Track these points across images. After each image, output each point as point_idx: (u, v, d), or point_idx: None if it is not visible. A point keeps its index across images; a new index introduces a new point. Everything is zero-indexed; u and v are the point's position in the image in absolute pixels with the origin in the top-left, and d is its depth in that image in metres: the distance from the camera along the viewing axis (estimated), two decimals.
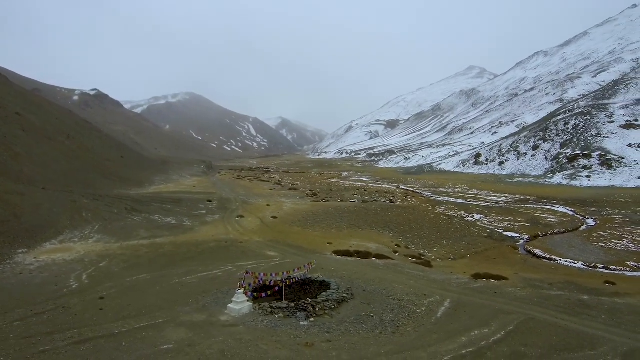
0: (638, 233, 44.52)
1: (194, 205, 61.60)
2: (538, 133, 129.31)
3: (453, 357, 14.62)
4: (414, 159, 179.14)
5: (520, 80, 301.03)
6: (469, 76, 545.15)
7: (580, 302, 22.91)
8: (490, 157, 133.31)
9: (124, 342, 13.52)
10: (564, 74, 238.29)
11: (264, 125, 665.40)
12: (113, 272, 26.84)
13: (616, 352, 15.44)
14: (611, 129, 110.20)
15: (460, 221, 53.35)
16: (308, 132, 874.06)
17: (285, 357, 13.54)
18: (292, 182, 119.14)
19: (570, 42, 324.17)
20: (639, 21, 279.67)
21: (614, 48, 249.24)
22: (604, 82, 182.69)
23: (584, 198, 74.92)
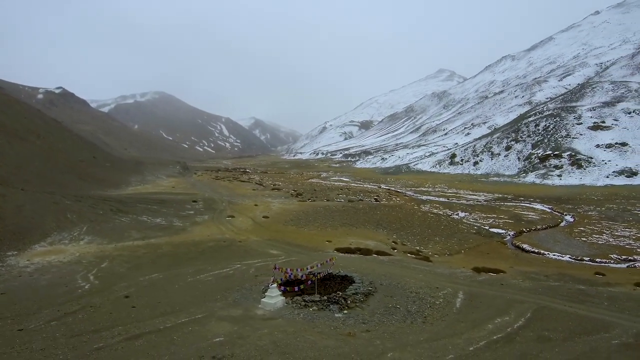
0: (615, 228, 47.34)
1: (180, 206, 60.74)
2: (510, 134, 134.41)
3: (487, 342, 15.43)
4: (390, 160, 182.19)
5: (490, 83, 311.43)
6: (440, 79, 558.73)
7: (581, 292, 24.39)
8: (465, 158, 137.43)
9: (174, 337, 13.55)
10: (531, 78, 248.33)
11: (236, 126, 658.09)
12: (120, 273, 26.36)
13: (628, 333, 16.67)
14: (580, 130, 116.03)
15: (447, 219, 55.01)
16: (281, 132, 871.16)
17: (333, 346, 13.93)
18: (273, 183, 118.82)
19: (537, 47, 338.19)
20: (601, 27, 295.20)
21: (578, 53, 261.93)
22: (569, 85, 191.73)
23: (558, 196, 78.61)
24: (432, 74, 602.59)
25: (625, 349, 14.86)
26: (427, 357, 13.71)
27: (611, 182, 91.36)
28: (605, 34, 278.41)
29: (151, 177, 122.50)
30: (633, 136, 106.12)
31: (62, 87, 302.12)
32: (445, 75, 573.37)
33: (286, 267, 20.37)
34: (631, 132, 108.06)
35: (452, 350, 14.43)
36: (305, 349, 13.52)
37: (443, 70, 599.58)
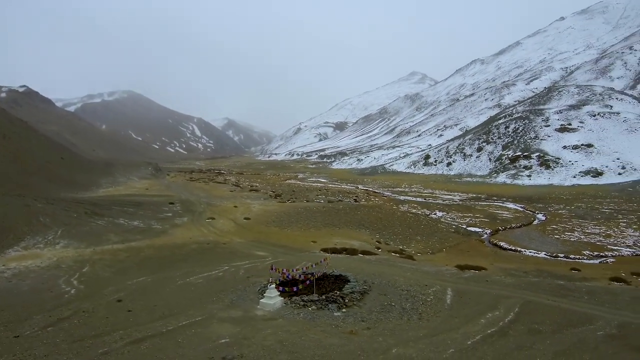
0: (586, 226, 49.66)
1: (157, 208, 59.60)
2: (481, 136, 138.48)
3: (483, 336, 16.00)
4: (366, 160, 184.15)
5: (460, 86, 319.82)
6: (412, 81, 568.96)
7: (561, 286, 25.53)
8: (438, 159, 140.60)
9: (179, 339, 13.42)
10: (500, 81, 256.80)
11: (209, 126, 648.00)
12: (104, 277, 25.76)
13: (611, 325, 17.63)
14: (548, 132, 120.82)
15: (426, 218, 56.23)
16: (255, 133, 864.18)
17: (338, 344, 14.14)
18: (250, 184, 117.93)
19: (505, 51, 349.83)
20: (566, 33, 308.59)
21: (544, 57, 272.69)
22: (536, 89, 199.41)
23: (528, 195, 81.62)
24: (405, 76, 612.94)
25: (610, 340, 15.73)
26: (430, 352, 14.12)
27: (578, 182, 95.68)
28: (570, 39, 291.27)
29: (123, 179, 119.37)
30: (598, 138, 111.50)
31: (26, 85, 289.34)
32: (417, 77, 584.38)
33: (282, 268, 20.42)
34: (596, 134, 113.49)
35: (452, 345, 14.91)
36: (312, 347, 13.67)
37: (415, 73, 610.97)
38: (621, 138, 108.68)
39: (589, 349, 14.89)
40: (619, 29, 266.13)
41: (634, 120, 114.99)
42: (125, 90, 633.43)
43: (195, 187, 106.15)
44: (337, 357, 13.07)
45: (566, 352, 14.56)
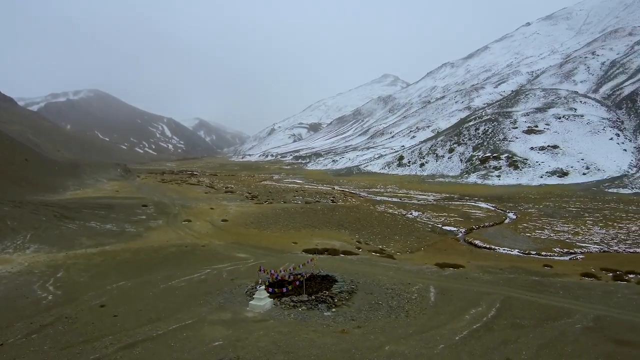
0: (554, 224, 51.78)
1: (129, 211, 58.08)
2: (453, 137, 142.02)
3: (469, 332, 16.47)
4: (341, 161, 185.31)
5: (431, 89, 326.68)
6: (384, 83, 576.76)
7: (537, 282, 26.52)
8: (412, 160, 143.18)
9: (172, 343, 13.17)
10: (469, 84, 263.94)
11: (180, 126, 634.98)
12: (81, 282, 24.91)
13: (587, 318, 18.48)
14: (515, 134, 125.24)
15: (403, 218, 57.17)
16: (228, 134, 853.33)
17: (331, 343, 14.23)
18: (225, 185, 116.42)
19: (473, 55, 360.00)
20: (532, 38, 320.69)
21: (511, 62, 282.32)
22: (504, 92, 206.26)
23: (499, 195, 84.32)
24: (377, 78, 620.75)
25: (589, 332, 16.50)
26: (421, 348, 14.42)
27: (545, 182, 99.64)
28: (535, 44, 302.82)
29: (91, 181, 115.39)
30: (563, 139, 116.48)
31: None
32: (389, 80, 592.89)
33: (270, 269, 20.33)
34: (561, 136, 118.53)
35: (441, 341, 15.28)
36: (306, 347, 13.70)
37: (387, 75, 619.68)
38: (585, 140, 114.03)
39: (570, 341, 15.58)
40: (582, 34, 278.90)
41: (597, 122, 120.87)
42: (92, 89, 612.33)
43: (168, 189, 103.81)
44: (332, 356, 13.16)
45: (549, 345, 15.18)
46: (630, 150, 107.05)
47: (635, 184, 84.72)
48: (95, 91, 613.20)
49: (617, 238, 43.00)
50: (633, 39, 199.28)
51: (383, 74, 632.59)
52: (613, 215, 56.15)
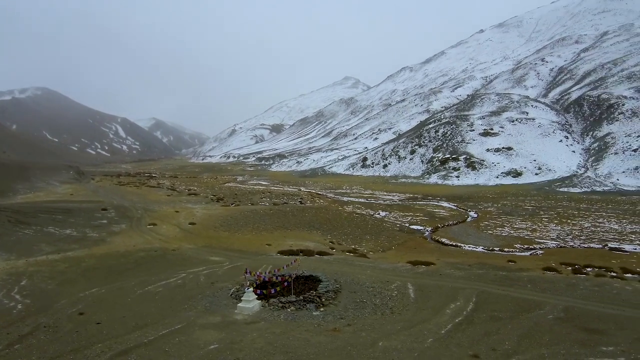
0: (513, 222, 54.58)
1: (89, 215, 55.54)
2: (414, 139, 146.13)
3: (453, 325, 17.19)
4: (305, 163, 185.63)
5: (392, 92, 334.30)
6: (346, 86, 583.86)
7: (505, 277, 27.92)
8: (375, 161, 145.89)
9: (166, 348, 12.87)
10: (428, 88, 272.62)
11: (135, 127, 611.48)
12: (49, 290, 23.64)
13: (557, 309, 19.76)
14: (472, 136, 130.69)
15: (371, 218, 58.21)
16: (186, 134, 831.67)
17: (326, 342, 14.41)
18: (187, 188, 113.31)
19: (431, 60, 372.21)
20: (485, 44, 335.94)
21: (466, 67, 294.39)
22: (460, 96, 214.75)
23: (459, 194, 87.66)
24: (339, 80, 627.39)
25: (561, 322, 17.66)
26: (412, 342, 14.90)
27: (501, 182, 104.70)
28: (488, 50, 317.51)
29: (42, 184, 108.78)
30: (516, 141, 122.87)
31: None
32: (351, 82, 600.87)
33: (255, 271, 20.16)
34: (515, 138, 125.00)
35: (429, 335, 15.85)
36: (302, 346, 13.80)
37: (349, 78, 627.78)
38: (537, 142, 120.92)
39: (546, 331, 16.62)
40: (532, 42, 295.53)
41: (547, 125, 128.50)
42: (40, 87, 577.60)
43: (127, 192, 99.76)
44: (329, 353, 13.34)
45: (528, 335, 16.13)
46: (578, 152, 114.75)
47: (584, 184, 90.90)
48: (43, 89, 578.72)
49: (572, 234, 45.98)
50: (579, 46, 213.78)
51: (344, 77, 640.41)
52: (566, 213, 59.97)
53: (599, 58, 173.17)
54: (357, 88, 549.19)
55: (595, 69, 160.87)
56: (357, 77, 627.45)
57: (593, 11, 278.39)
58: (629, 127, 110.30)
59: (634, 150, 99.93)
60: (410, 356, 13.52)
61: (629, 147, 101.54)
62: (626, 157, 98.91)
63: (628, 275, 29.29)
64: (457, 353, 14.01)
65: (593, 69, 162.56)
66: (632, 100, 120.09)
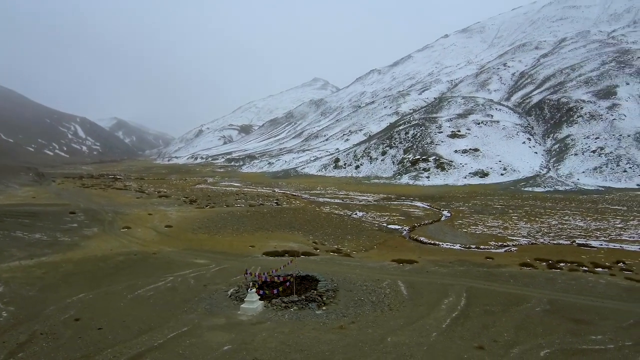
0: (485, 220, 56.69)
1: (57, 219, 53.43)
2: (385, 141, 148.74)
3: (451, 320, 17.82)
4: (277, 164, 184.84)
5: (361, 94, 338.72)
6: (315, 87, 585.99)
7: (487, 273, 29.09)
8: (347, 162, 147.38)
9: (180, 351, 12.71)
10: (396, 91, 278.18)
11: (95, 127, 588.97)
12: (31, 296, 22.57)
13: (543, 302, 20.84)
14: (441, 138, 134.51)
15: (349, 219, 58.87)
16: (150, 135, 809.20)
17: (336, 339, 14.65)
18: (156, 190, 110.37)
19: (398, 63, 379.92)
20: (450, 49, 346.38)
21: (432, 71, 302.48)
22: (427, 99, 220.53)
23: (431, 194, 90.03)
24: (308, 82, 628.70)
25: (549, 314, 18.67)
26: (418, 337, 15.37)
27: (469, 182, 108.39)
28: (453, 55, 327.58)
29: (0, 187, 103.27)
30: (482, 143, 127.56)
31: None
32: (320, 84, 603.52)
33: (255, 272, 20.09)
34: (481, 140, 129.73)
35: (432, 329, 16.39)
36: (314, 344, 13.97)
37: (318, 79, 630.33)
38: (501, 143, 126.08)
39: (538, 322, 17.55)
40: (494, 47, 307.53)
41: (511, 128, 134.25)
42: None
43: (93, 194, 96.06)
44: (343, 350, 13.59)
45: (522, 326, 16.99)
46: (540, 153, 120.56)
47: (547, 183, 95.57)
48: None
49: (541, 231, 48.34)
50: (539, 52, 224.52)
51: (313, 78, 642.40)
52: (533, 211, 62.91)
53: (558, 63, 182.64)
54: (326, 89, 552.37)
55: (555, 74, 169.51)
56: (325, 79, 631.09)
57: (551, 18, 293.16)
58: (587, 129, 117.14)
59: (592, 151, 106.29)
60: (420, 350, 13.97)
61: (588, 149, 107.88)
62: (585, 158, 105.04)
63: (599, 270, 31.18)
64: (463, 345, 14.59)
65: (552, 74, 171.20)
66: (589, 104, 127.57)
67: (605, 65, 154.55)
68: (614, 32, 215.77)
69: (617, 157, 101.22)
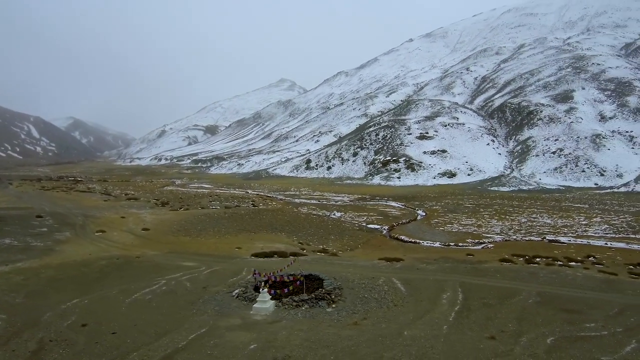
0: (460, 219, 58.79)
1: (24, 223, 51.20)
2: (356, 142, 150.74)
3: (456, 313, 18.66)
4: (247, 165, 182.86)
5: (329, 95, 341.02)
6: (282, 88, 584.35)
7: (474, 269, 30.38)
8: (319, 163, 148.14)
9: (208, 351, 12.71)
10: (364, 93, 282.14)
11: (50, 127, 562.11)
12: (20, 304, 21.65)
13: (533, 294, 22.10)
14: (410, 139, 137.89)
15: (329, 219, 59.41)
16: (108, 135, 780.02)
17: (356, 335, 15.09)
18: (123, 192, 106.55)
19: (365, 66, 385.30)
20: (414, 53, 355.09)
21: (398, 74, 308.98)
22: (395, 101, 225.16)
23: (403, 194, 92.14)
24: (275, 82, 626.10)
25: (542, 305, 19.89)
26: (431, 330, 16.05)
27: (438, 182, 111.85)
28: (418, 59, 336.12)
29: None
30: (449, 144, 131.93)
31: None
32: (287, 84, 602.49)
33: (264, 272, 20.14)
34: (448, 141, 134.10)
35: (441, 323, 17.13)
36: (337, 340, 14.34)
37: (285, 80, 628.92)
38: (467, 145, 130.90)
39: (535, 313, 18.68)
40: (457, 52, 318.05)
41: (475, 130, 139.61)
42: None
43: (56, 197, 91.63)
44: (365, 344, 14.03)
45: (522, 317, 18.04)
46: (503, 154, 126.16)
47: (511, 183, 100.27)
48: None
49: (513, 229, 50.77)
50: (499, 57, 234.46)
51: (280, 79, 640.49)
52: (502, 209, 65.86)
53: (517, 68, 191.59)
54: (293, 90, 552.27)
55: (515, 78, 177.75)
56: (292, 80, 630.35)
57: (510, 25, 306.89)
58: (547, 131, 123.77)
59: (552, 152, 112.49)
60: (438, 342, 14.63)
61: (548, 150, 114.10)
62: (546, 158, 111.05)
63: (572, 264, 33.24)
64: (476, 336, 15.39)
65: (513, 78, 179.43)
66: (548, 107, 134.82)
67: (562, 71, 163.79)
68: (570, 39, 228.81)
69: (575, 157, 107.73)
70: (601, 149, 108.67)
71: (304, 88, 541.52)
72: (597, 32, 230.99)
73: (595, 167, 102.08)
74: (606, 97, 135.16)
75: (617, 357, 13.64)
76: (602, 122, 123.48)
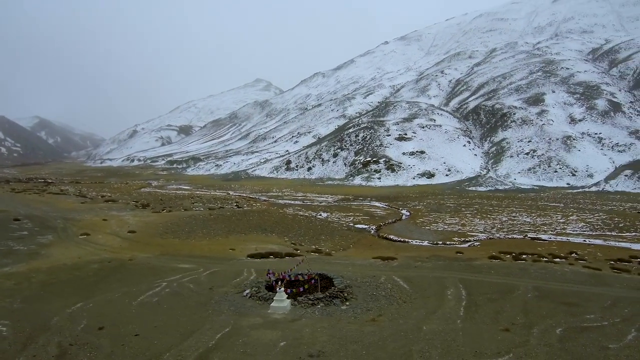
0: (444, 218, 60.32)
1: (3, 226, 49.78)
2: (336, 143, 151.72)
3: (464, 308, 19.43)
4: (226, 166, 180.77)
5: (306, 96, 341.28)
6: (257, 88, 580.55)
7: (468, 266, 31.41)
8: (299, 164, 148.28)
9: (241, 350, 12.88)
10: (341, 94, 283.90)
11: (14, 126, 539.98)
12: (20, 309, 21.09)
13: (530, 289, 23.15)
14: (389, 140, 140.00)
15: (316, 219, 59.77)
16: (76, 135, 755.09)
17: (377, 330, 15.58)
18: (99, 194, 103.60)
19: (342, 67, 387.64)
20: (390, 55, 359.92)
21: (375, 76, 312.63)
22: (372, 103, 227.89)
23: (385, 195, 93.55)
24: (250, 82, 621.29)
25: (542, 299, 20.91)
26: (446, 324, 16.69)
27: (417, 183, 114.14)
28: (393, 61, 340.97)
29: None
30: (427, 146, 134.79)
31: None
32: (262, 85, 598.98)
33: (279, 272, 20.32)
34: (426, 143, 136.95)
35: (454, 317, 17.83)
36: (361, 335, 14.78)
37: (260, 80, 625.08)
38: (445, 146, 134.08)
39: (537, 306, 19.66)
40: (431, 55, 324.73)
41: (452, 131, 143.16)
42: None
43: (29, 200, 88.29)
44: (390, 338, 14.53)
45: (528, 310, 18.96)
46: (479, 155, 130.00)
47: (488, 183, 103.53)
48: None
49: (495, 227, 52.56)
50: (472, 61, 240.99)
51: (256, 79, 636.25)
52: (483, 209, 67.97)
53: (490, 72, 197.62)
54: (269, 91, 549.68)
55: (488, 81, 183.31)
56: (269, 80, 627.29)
57: (482, 29, 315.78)
58: (520, 133, 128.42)
59: (526, 153, 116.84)
60: (457, 335, 15.27)
61: (522, 151, 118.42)
62: (520, 159, 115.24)
63: (557, 260, 34.78)
64: (491, 329, 16.14)
65: (486, 81, 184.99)
66: (521, 110, 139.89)
67: (533, 75, 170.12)
68: (539, 44, 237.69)
69: (548, 158, 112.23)
70: (572, 150, 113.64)
71: (280, 89, 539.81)
72: (565, 37, 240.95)
73: (567, 168, 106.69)
74: (575, 100, 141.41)
75: (623, 345, 14.60)
76: (572, 124, 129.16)
